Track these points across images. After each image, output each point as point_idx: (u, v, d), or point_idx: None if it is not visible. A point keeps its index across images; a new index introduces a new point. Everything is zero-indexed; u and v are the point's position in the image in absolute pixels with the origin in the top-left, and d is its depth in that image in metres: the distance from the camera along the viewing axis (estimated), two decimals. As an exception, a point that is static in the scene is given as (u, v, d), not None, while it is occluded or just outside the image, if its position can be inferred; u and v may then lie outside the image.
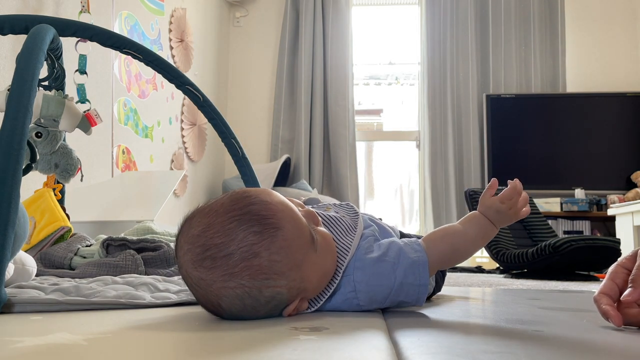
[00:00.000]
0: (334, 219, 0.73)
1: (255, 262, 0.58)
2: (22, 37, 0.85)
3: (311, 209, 0.78)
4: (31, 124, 1.15)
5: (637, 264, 0.59)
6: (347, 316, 0.66)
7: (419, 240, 0.73)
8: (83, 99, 1.52)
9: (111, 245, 1.19)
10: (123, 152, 2.42)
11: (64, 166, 1.32)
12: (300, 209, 0.68)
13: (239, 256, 0.57)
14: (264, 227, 0.59)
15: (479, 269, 3.31)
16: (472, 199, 2.81)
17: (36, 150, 1.25)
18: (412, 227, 3.92)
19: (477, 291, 1.29)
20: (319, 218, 0.70)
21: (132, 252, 1.14)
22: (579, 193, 3.41)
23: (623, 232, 2.83)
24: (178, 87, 1.21)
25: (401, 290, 0.68)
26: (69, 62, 1.41)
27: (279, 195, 0.66)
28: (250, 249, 0.58)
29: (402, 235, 0.92)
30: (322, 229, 0.69)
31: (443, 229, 0.76)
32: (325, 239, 0.67)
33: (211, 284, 0.58)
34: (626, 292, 0.58)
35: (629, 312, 0.58)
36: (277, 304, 0.61)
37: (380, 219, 0.86)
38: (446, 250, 0.73)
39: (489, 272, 3.09)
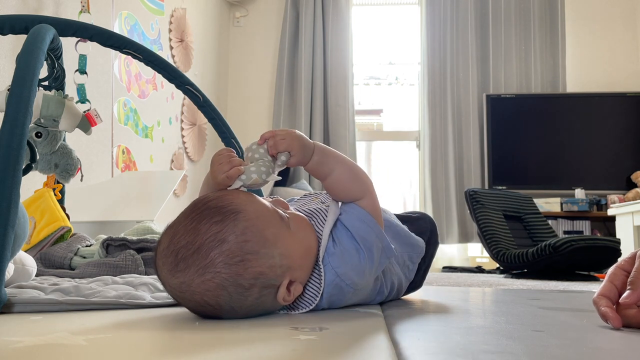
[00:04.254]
0: (314, 212, 0.74)
1: (225, 248, 0.58)
2: (22, 37, 0.85)
3: (295, 202, 0.80)
4: (31, 124, 1.15)
5: (635, 266, 0.60)
6: (347, 316, 0.66)
7: (331, 200, 0.75)
8: (83, 99, 1.52)
9: (111, 245, 1.19)
10: (123, 152, 2.42)
11: (64, 166, 1.32)
12: (268, 200, 0.69)
13: (207, 247, 0.58)
14: (224, 215, 0.60)
15: (479, 269, 3.31)
16: (472, 198, 2.81)
17: (36, 150, 1.25)
18: (412, 227, 3.92)
19: (477, 291, 1.29)
20: (289, 205, 0.72)
21: (132, 252, 1.14)
22: (579, 193, 3.41)
23: (623, 232, 2.83)
24: (178, 87, 1.22)
25: (370, 250, 0.69)
26: (69, 62, 1.42)
27: (239, 191, 0.67)
28: (216, 237, 0.59)
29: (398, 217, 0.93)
30: (293, 211, 0.70)
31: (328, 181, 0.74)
32: (298, 217, 0.69)
33: (190, 283, 0.59)
34: (625, 294, 0.58)
35: (627, 313, 0.58)
36: (263, 286, 0.61)
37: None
38: (344, 181, 0.73)
39: (489, 272, 3.09)
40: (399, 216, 0.95)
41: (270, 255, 0.61)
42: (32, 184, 1.51)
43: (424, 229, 0.93)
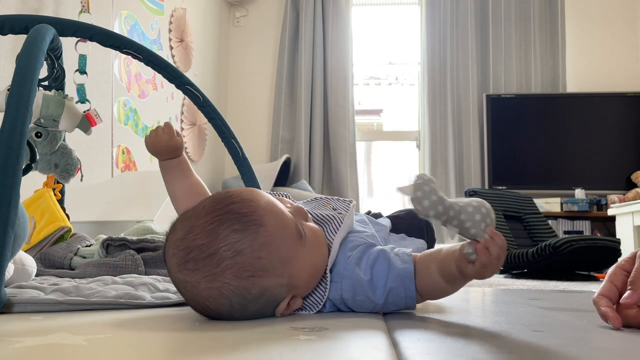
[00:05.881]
0: (326, 218, 0.72)
1: (239, 260, 0.57)
2: (22, 37, 0.85)
3: (305, 203, 0.78)
4: (31, 124, 1.15)
5: (636, 266, 0.59)
6: (347, 316, 0.66)
7: (410, 252, 0.70)
8: (83, 99, 1.52)
9: (111, 245, 1.19)
10: (123, 152, 2.41)
11: (64, 166, 1.32)
12: (288, 205, 0.67)
13: (221, 255, 0.57)
14: (245, 224, 0.58)
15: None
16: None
17: (36, 150, 1.24)
18: (412, 227, 3.92)
19: (477, 291, 1.29)
20: (308, 214, 0.69)
21: (132, 252, 1.14)
22: (579, 193, 3.41)
23: (623, 232, 2.83)
24: (178, 87, 1.21)
25: (387, 302, 0.67)
26: (69, 62, 1.41)
27: (263, 193, 0.65)
28: (232, 247, 0.57)
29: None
30: (311, 224, 0.68)
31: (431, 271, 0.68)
32: (315, 234, 0.66)
33: (196, 285, 0.58)
34: (625, 295, 0.58)
35: (628, 313, 0.58)
36: (266, 301, 0.60)
37: (379, 213, 0.86)
38: (428, 286, 0.68)
39: (489, 272, 3.08)
40: (392, 216, 0.94)
41: (280, 274, 0.60)
42: (32, 184, 1.50)
43: (419, 225, 0.93)
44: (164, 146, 0.86)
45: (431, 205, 0.57)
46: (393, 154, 4.10)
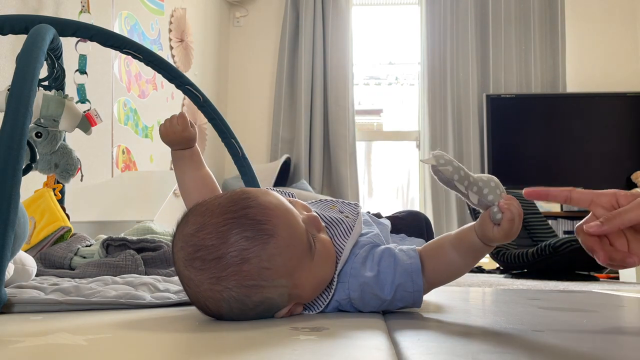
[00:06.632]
0: (334, 220, 0.72)
1: (245, 268, 0.57)
2: (22, 37, 0.85)
3: (311, 205, 0.78)
4: (31, 124, 1.15)
5: (624, 207, 0.58)
6: (347, 316, 0.66)
7: (415, 247, 0.70)
8: (83, 99, 1.52)
9: (111, 245, 1.19)
10: (123, 152, 2.42)
11: (64, 166, 1.33)
12: (304, 212, 0.66)
13: (228, 260, 0.56)
14: (257, 232, 0.57)
15: (479, 269, 3.31)
16: (472, 199, 2.80)
17: (36, 150, 1.25)
18: (412, 227, 3.92)
19: (477, 291, 1.29)
20: (322, 224, 0.68)
21: (132, 252, 1.14)
22: (579, 193, 3.41)
23: (623, 232, 2.82)
24: (178, 87, 1.21)
25: (395, 298, 0.67)
26: (69, 62, 1.41)
27: (280, 197, 0.64)
28: (240, 254, 0.57)
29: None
30: (323, 235, 0.67)
31: (438, 255, 0.70)
32: (325, 247, 0.65)
33: (199, 285, 0.58)
34: (593, 223, 0.58)
35: (587, 238, 0.58)
36: (266, 308, 0.60)
37: (379, 214, 0.86)
38: (440, 268, 0.69)
39: (489, 272, 3.09)
40: (392, 217, 0.94)
41: (283, 285, 0.60)
42: (32, 184, 1.50)
43: (419, 226, 0.93)
44: (178, 137, 0.86)
45: (454, 170, 0.61)
46: (393, 154, 4.10)
